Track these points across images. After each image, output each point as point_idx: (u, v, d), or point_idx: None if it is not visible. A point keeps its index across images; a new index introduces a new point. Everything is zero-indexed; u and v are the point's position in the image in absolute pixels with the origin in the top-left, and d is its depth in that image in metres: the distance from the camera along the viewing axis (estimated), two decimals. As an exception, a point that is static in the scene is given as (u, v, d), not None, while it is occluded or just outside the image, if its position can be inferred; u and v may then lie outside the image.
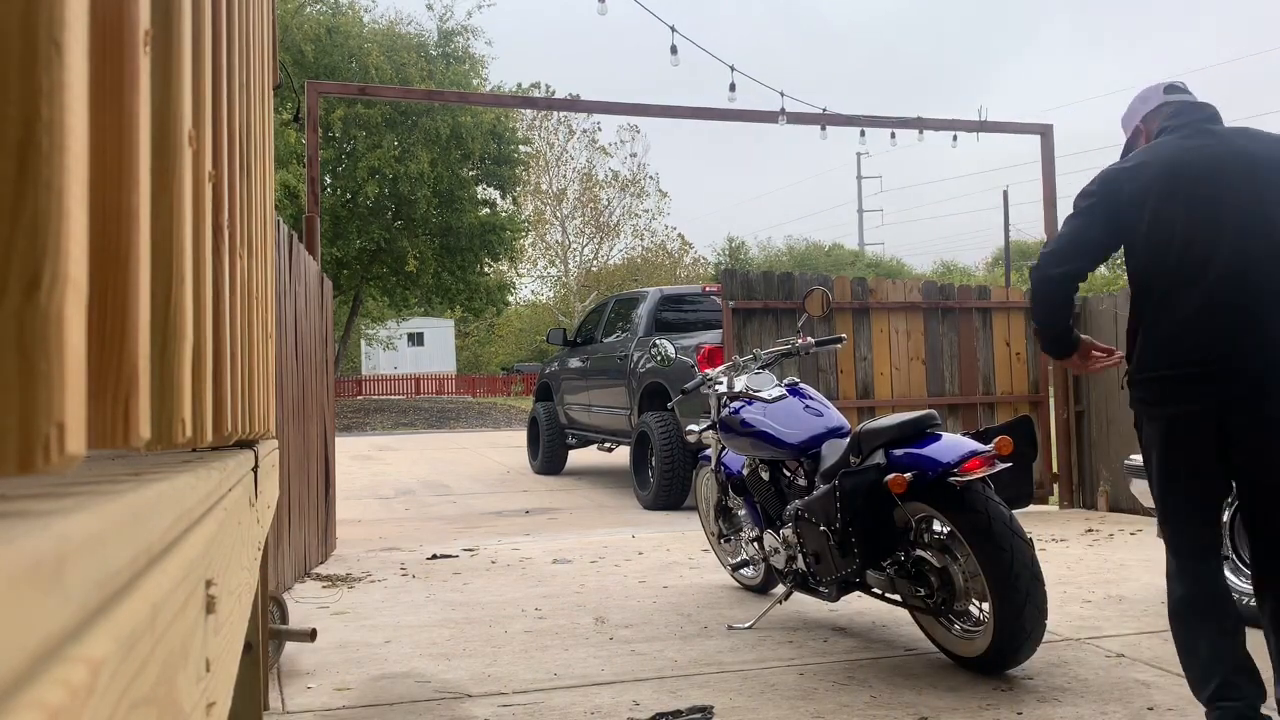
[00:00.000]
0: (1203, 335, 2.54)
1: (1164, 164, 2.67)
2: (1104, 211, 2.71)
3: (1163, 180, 2.65)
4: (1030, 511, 6.97)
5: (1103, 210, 2.71)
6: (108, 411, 0.61)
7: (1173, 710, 2.93)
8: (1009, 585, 3.09)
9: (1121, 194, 2.69)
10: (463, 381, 40.57)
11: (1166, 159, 2.68)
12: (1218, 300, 2.54)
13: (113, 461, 1.03)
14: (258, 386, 1.70)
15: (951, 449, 3.27)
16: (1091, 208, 2.73)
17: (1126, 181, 2.70)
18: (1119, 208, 2.69)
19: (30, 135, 0.42)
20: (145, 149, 0.66)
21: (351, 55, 23.88)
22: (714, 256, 45.08)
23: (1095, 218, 2.73)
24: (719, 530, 4.78)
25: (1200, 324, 2.55)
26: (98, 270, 0.60)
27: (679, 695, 3.14)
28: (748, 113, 7.87)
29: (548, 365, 11.58)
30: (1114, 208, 2.70)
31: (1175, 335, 2.58)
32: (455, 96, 17.99)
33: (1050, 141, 8.18)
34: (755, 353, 4.53)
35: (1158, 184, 2.65)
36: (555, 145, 36.10)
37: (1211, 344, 2.53)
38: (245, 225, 1.49)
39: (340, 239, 23.88)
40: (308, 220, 6.39)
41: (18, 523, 0.39)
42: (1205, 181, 2.62)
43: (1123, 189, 2.69)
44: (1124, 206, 2.68)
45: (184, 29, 0.84)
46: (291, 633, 3.32)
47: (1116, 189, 2.71)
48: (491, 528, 7.24)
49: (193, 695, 0.70)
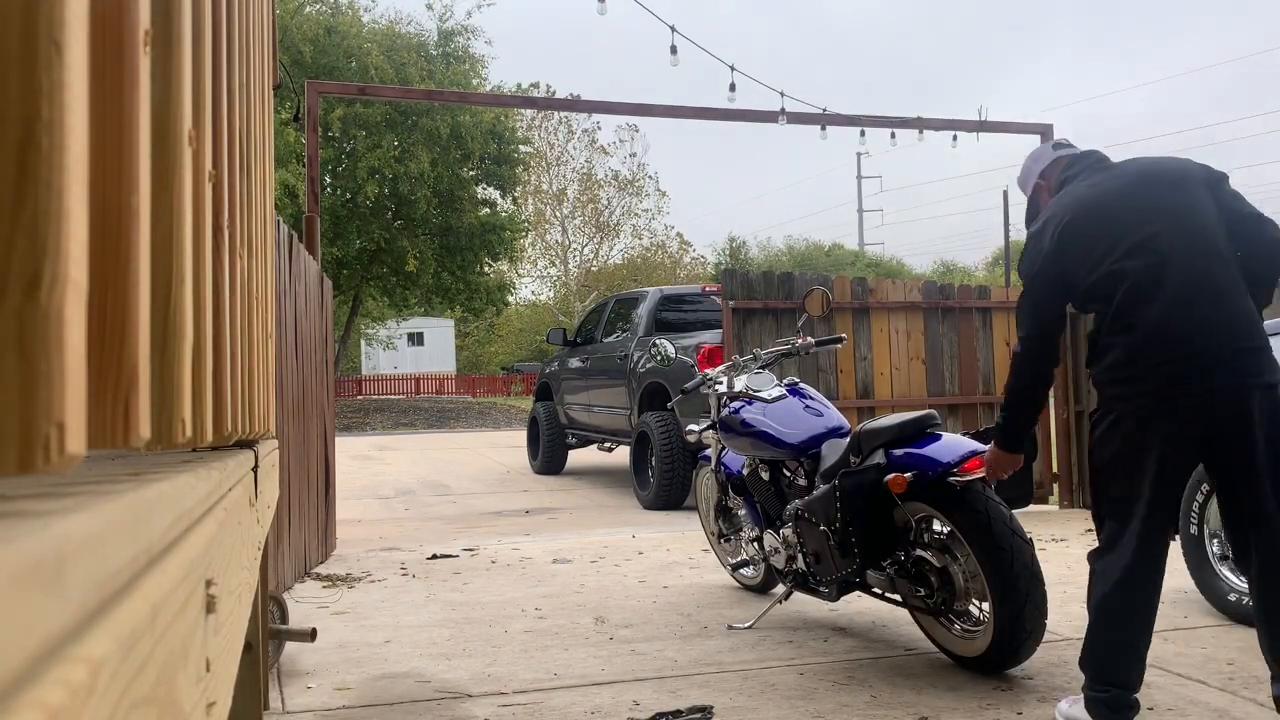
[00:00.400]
0: (1172, 336, 2.60)
1: (1082, 208, 2.79)
2: (1049, 277, 2.81)
3: (1089, 223, 2.76)
4: (1030, 511, 6.97)
5: (1047, 276, 2.81)
6: (108, 411, 0.61)
7: (1172, 710, 2.93)
8: (1009, 585, 3.09)
9: (1058, 253, 2.79)
10: (463, 381, 40.58)
11: (1084, 202, 2.80)
12: (1180, 305, 2.61)
13: (113, 461, 1.03)
14: (258, 386, 1.70)
15: (951, 449, 3.27)
16: (1039, 276, 2.83)
17: (1050, 239, 2.80)
18: (1059, 264, 2.79)
19: (30, 135, 0.42)
20: (145, 149, 0.66)
21: (351, 55, 23.88)
22: (714, 256, 45.09)
23: (1046, 285, 2.83)
24: (719, 530, 4.78)
25: (1168, 329, 2.61)
26: (98, 270, 0.60)
27: (679, 695, 3.14)
28: (748, 113, 7.87)
29: (548, 365, 11.58)
30: (1055, 268, 2.80)
31: (1145, 342, 2.63)
32: (455, 96, 18.00)
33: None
34: (755, 353, 4.53)
35: (1085, 228, 2.76)
36: (555, 145, 36.13)
37: (1182, 343, 2.59)
38: (245, 225, 1.49)
39: (340, 239, 23.88)
40: (308, 220, 6.40)
41: (18, 523, 0.39)
42: (1129, 207, 2.74)
43: (1054, 247, 2.79)
44: (1063, 262, 2.78)
45: (184, 29, 0.84)
46: (291, 633, 3.32)
47: (1047, 250, 2.81)
48: (491, 528, 7.24)
49: (193, 695, 0.70)
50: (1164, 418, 2.60)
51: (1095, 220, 2.76)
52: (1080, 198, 2.82)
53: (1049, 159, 3.07)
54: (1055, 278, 2.81)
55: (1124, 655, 2.64)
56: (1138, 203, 2.74)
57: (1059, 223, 2.80)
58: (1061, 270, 2.79)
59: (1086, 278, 2.75)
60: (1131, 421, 2.65)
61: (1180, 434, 2.60)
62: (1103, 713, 2.64)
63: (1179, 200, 2.73)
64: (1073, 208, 2.81)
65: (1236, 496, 2.63)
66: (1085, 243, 2.75)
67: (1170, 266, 2.64)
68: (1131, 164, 2.88)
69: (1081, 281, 2.77)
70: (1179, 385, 2.59)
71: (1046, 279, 2.82)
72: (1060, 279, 2.81)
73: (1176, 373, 2.59)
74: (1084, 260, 2.75)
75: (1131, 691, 2.64)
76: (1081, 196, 2.82)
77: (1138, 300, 2.65)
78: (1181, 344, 2.59)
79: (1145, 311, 2.63)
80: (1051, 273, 2.81)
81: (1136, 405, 2.65)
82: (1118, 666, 2.64)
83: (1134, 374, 2.64)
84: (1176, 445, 2.61)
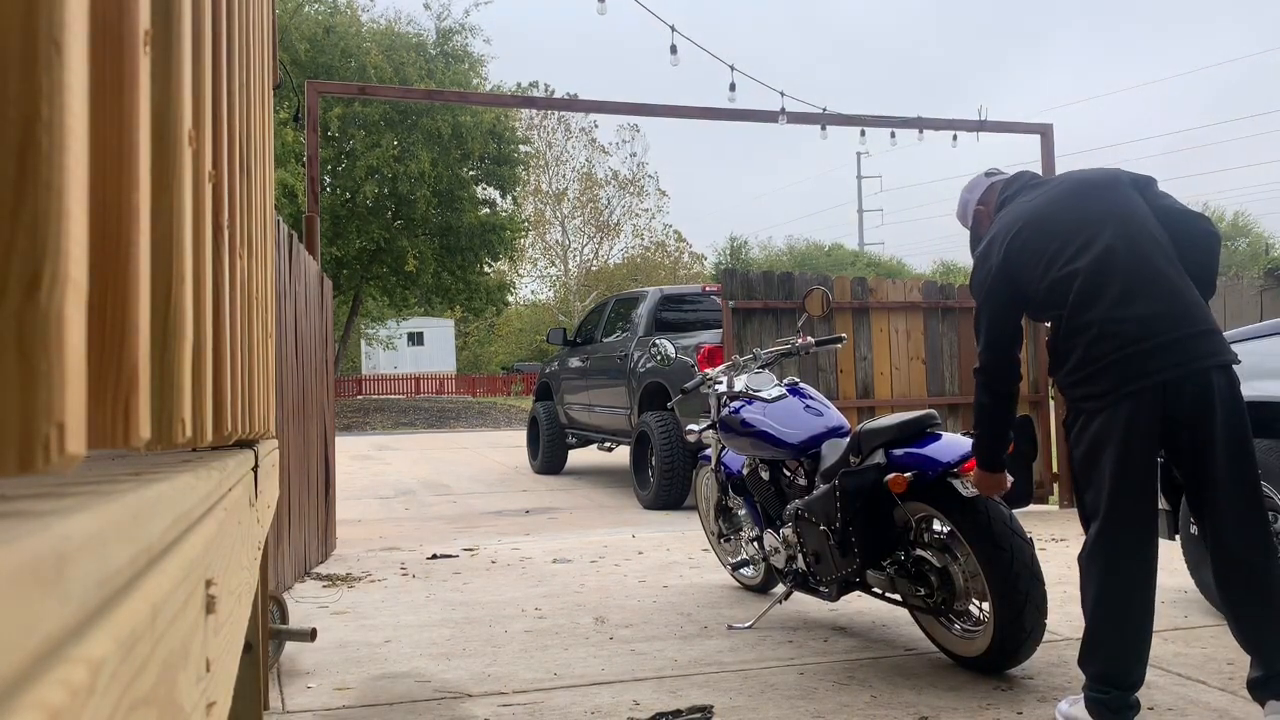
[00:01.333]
0: (1127, 329, 2.66)
1: (1026, 220, 2.89)
2: (1001, 292, 2.91)
3: (1034, 234, 2.86)
4: (1030, 511, 6.97)
5: (999, 292, 2.91)
6: (108, 411, 0.61)
7: (1172, 710, 2.93)
8: (1009, 585, 3.09)
9: (1007, 267, 2.88)
10: (463, 381, 40.57)
11: (1027, 214, 2.91)
12: (1130, 299, 2.68)
13: (113, 461, 1.03)
14: (258, 386, 1.70)
15: (951, 449, 3.27)
16: (991, 293, 2.92)
17: (998, 254, 2.90)
18: (1009, 277, 2.88)
19: (30, 135, 0.42)
20: (145, 149, 0.66)
21: (350, 55, 23.88)
22: (714, 256, 45.08)
23: (999, 300, 2.92)
24: (719, 530, 4.78)
25: (1123, 324, 2.67)
26: (98, 270, 0.60)
27: (679, 695, 3.14)
28: (748, 112, 7.87)
29: (548, 365, 11.58)
30: (1006, 281, 2.89)
31: (1100, 338, 2.69)
32: (455, 96, 17.98)
33: (1050, 141, 8.18)
34: (755, 352, 4.53)
35: (1031, 239, 2.86)
36: (555, 145, 36.14)
37: (1138, 335, 2.65)
38: (245, 225, 1.49)
39: (340, 239, 23.87)
40: (308, 220, 6.39)
41: (18, 523, 0.39)
42: (1071, 213, 2.84)
43: (1002, 261, 2.88)
44: (1013, 273, 2.87)
45: (184, 29, 0.84)
46: (291, 632, 3.32)
47: (996, 265, 2.90)
48: (491, 527, 7.24)
49: (193, 695, 0.70)
50: (1129, 410, 2.63)
51: (1040, 230, 2.85)
52: (1022, 212, 2.92)
53: (984, 186, 3.22)
54: (1007, 291, 2.89)
55: (1122, 655, 2.64)
56: (1078, 208, 2.84)
57: (1004, 238, 2.90)
58: (1012, 282, 2.88)
59: (1039, 285, 2.82)
60: (1098, 419, 2.68)
61: (1146, 424, 2.64)
62: (1102, 713, 2.63)
63: (1115, 202, 2.83)
64: (1017, 222, 2.90)
65: (1196, 469, 2.68)
66: (1033, 253, 2.83)
67: (1116, 264, 2.72)
68: (1065, 176, 3.01)
69: (1034, 291, 2.84)
70: (1139, 377, 2.63)
71: (998, 293, 2.90)
72: (1012, 291, 2.89)
73: (1135, 365, 2.63)
74: (1034, 269, 2.83)
75: (1131, 691, 2.64)
76: (1023, 211, 2.92)
77: (1089, 300, 2.71)
78: (1137, 336, 2.64)
79: (1097, 310, 2.69)
80: (1002, 287, 2.89)
81: (1102, 402, 2.68)
82: (1116, 666, 2.64)
83: (1094, 372, 2.68)
84: (1144, 435, 2.64)
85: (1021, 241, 2.85)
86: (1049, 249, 2.81)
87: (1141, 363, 2.64)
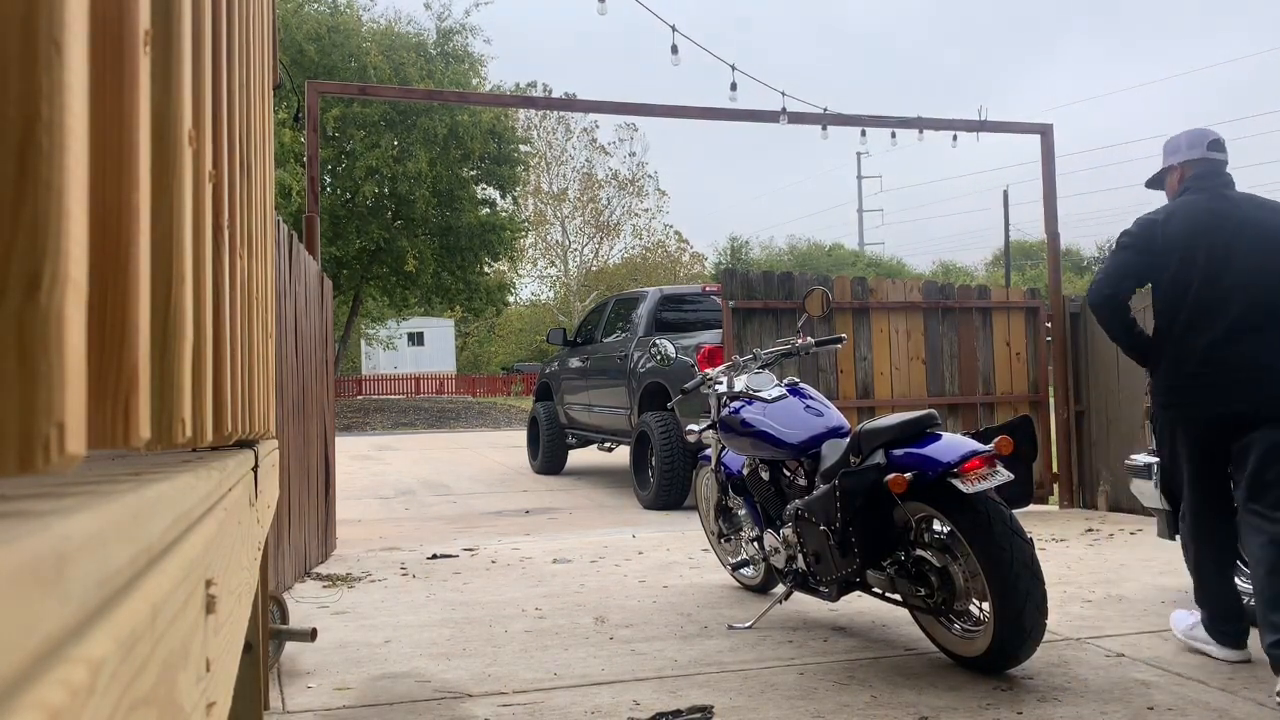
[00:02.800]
0: (1217, 374, 3.33)
1: (1190, 221, 3.43)
2: (1139, 252, 3.50)
3: (1187, 236, 3.41)
4: (1030, 511, 6.97)
5: (1139, 251, 3.50)
6: (108, 411, 0.61)
7: (1173, 710, 2.93)
8: (1009, 585, 3.09)
9: (1155, 241, 3.46)
10: (463, 381, 40.57)
11: (1193, 217, 3.44)
12: (1229, 340, 3.32)
13: (113, 461, 1.03)
14: (258, 386, 1.70)
15: (951, 449, 3.27)
16: (1130, 245, 3.53)
17: (1160, 231, 3.46)
18: (1152, 252, 3.47)
19: (30, 135, 0.42)
20: (145, 149, 0.66)
21: (350, 55, 23.87)
22: (714, 256, 45.10)
23: (1132, 255, 3.52)
24: (719, 530, 4.78)
25: (1214, 362, 3.33)
26: (98, 270, 0.60)
27: (679, 695, 3.14)
28: (748, 112, 7.87)
29: (548, 365, 11.58)
30: (1148, 251, 3.48)
31: (1195, 371, 3.37)
32: (455, 96, 17.98)
33: (1050, 141, 8.18)
34: (755, 352, 4.53)
35: (1183, 239, 3.41)
36: (554, 145, 36.13)
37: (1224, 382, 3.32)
38: (245, 225, 1.49)
39: (340, 239, 23.86)
40: (308, 220, 6.40)
41: (18, 523, 0.39)
42: (1220, 243, 3.38)
43: (1156, 237, 3.47)
44: (1156, 252, 3.46)
45: (184, 29, 0.84)
46: (291, 633, 3.32)
47: (1152, 235, 3.48)
48: (491, 527, 7.24)
49: (193, 695, 0.70)
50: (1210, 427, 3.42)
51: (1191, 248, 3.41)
52: (1195, 220, 3.45)
53: (1198, 154, 3.59)
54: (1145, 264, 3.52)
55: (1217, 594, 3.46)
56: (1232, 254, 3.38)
57: (1169, 232, 3.47)
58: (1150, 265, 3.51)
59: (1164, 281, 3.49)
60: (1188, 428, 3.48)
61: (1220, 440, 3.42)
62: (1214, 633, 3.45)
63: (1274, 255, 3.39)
64: (1184, 222, 3.46)
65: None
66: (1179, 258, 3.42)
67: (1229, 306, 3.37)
68: (1248, 204, 3.48)
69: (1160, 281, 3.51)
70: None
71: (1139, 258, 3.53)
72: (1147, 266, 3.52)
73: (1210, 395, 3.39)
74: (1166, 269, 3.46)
75: (1237, 619, 3.42)
76: (1196, 219, 3.45)
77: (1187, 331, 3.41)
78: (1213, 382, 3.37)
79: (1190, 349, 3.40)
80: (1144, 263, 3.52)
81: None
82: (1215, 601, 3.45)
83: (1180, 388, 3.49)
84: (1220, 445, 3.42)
85: (1172, 242, 3.43)
86: (1184, 263, 3.41)
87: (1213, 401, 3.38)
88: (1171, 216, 3.46)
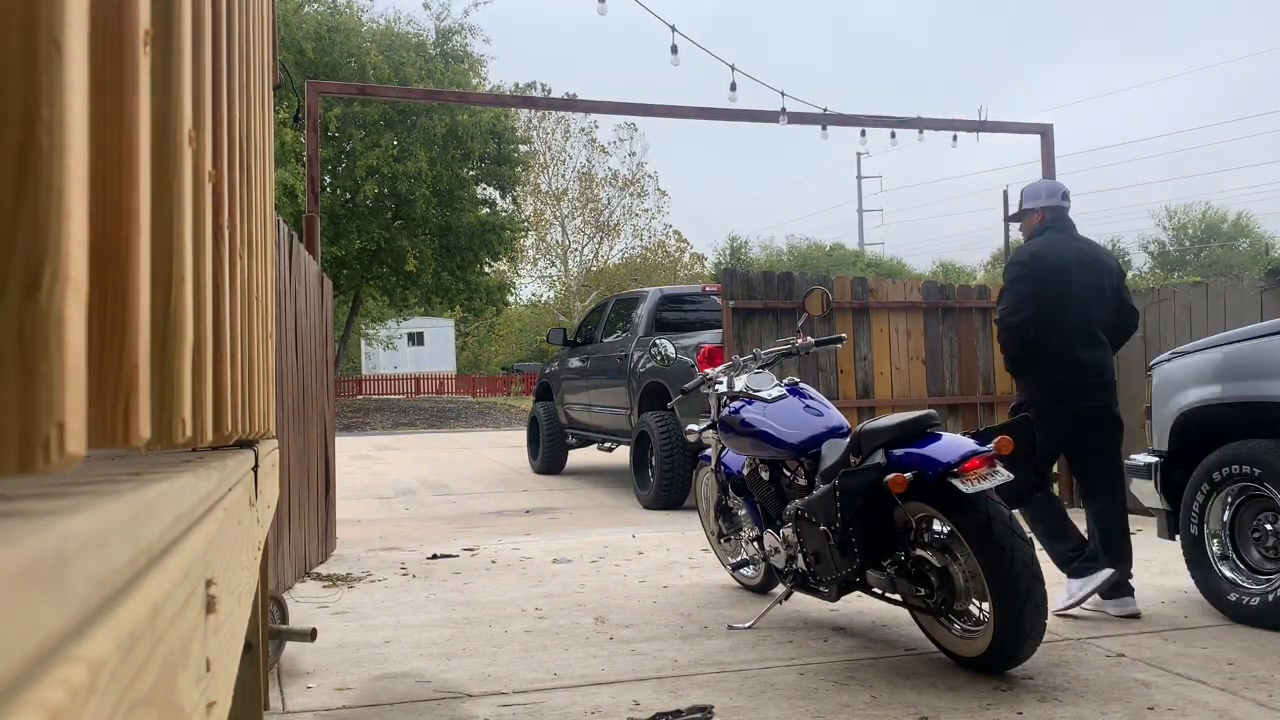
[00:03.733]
0: (1084, 376, 4.30)
1: (1060, 255, 4.37)
2: (1031, 280, 4.33)
3: (1060, 267, 4.34)
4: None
5: (1030, 280, 4.33)
6: (108, 411, 0.61)
7: (1173, 710, 2.93)
8: (1009, 585, 3.09)
9: (1040, 271, 4.32)
10: (463, 381, 40.56)
11: (1061, 252, 4.38)
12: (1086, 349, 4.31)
13: (113, 461, 1.03)
14: (258, 386, 1.70)
15: (951, 449, 3.27)
16: (1026, 276, 4.34)
17: (1041, 264, 4.33)
18: (1039, 279, 4.32)
19: (30, 135, 0.42)
20: (145, 149, 0.66)
21: (350, 55, 23.87)
22: (714, 256, 45.09)
23: (1027, 285, 4.33)
24: (719, 530, 4.78)
25: (1081, 367, 4.29)
26: (98, 270, 0.60)
27: (679, 695, 3.14)
28: (748, 112, 7.87)
29: (548, 365, 11.57)
30: (1036, 279, 4.32)
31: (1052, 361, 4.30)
32: (455, 96, 18.00)
33: (1050, 141, 8.18)
34: (755, 352, 4.52)
35: (1058, 269, 4.33)
36: (554, 145, 36.12)
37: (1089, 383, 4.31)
38: (245, 225, 1.49)
39: (340, 239, 23.85)
40: (308, 220, 6.40)
41: (18, 523, 0.39)
42: (1072, 270, 4.34)
43: (1040, 268, 4.33)
44: (1042, 279, 4.31)
45: (184, 29, 0.84)
46: (291, 633, 3.32)
47: (1037, 266, 4.34)
48: (491, 527, 7.24)
49: (193, 695, 0.70)
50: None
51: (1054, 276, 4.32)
52: (1057, 253, 4.38)
53: (1055, 201, 4.53)
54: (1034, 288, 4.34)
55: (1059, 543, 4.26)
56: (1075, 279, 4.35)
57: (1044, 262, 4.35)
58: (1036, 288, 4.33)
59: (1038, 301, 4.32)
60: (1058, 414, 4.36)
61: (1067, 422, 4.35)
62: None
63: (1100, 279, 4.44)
64: (1049, 255, 4.37)
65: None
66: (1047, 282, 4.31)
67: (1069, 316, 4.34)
68: (1084, 243, 4.51)
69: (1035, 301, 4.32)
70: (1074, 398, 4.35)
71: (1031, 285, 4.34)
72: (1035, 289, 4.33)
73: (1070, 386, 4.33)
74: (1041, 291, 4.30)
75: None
76: (1057, 252, 4.39)
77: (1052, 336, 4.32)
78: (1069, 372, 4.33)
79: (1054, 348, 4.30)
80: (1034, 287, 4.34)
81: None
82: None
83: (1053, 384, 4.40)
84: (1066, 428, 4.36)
85: (1047, 270, 4.31)
86: (1050, 287, 4.29)
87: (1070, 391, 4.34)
88: (1048, 250, 4.36)
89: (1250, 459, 3.91)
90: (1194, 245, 51.79)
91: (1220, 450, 4.05)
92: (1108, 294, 4.39)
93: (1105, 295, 4.39)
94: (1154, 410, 4.48)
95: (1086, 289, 4.33)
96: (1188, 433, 4.29)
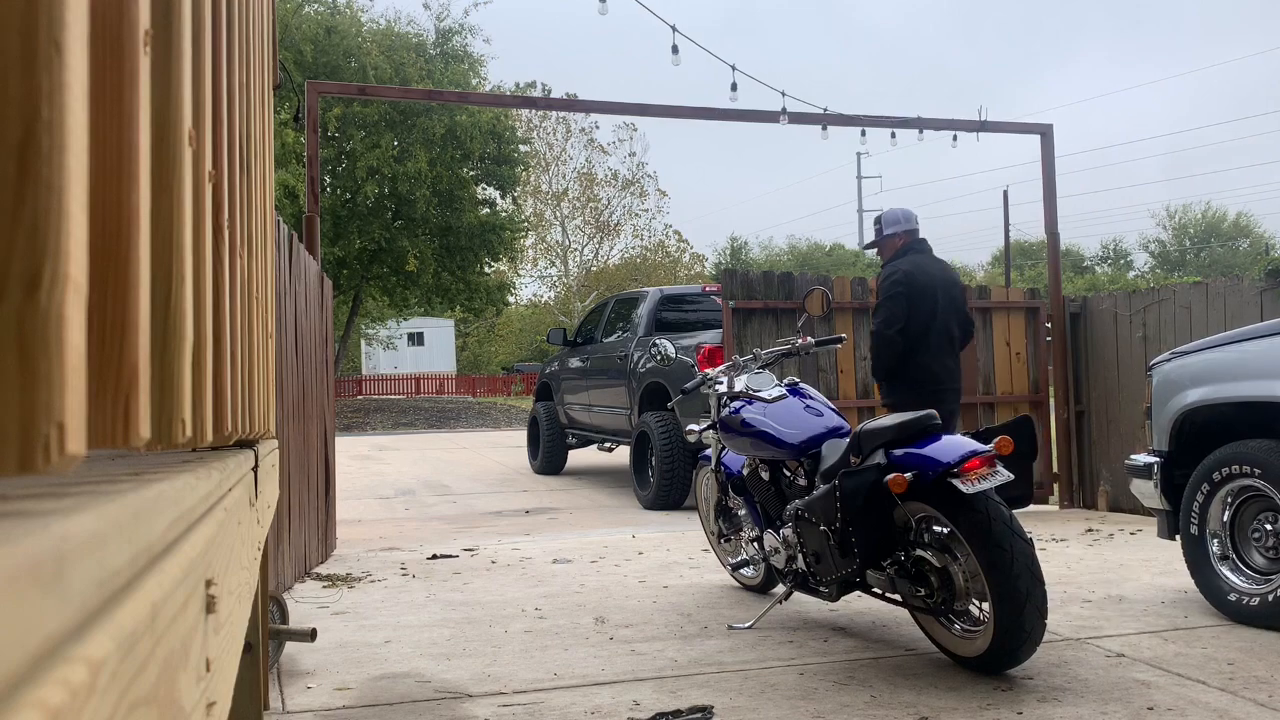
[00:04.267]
0: (944, 383, 5.24)
1: (927, 274, 5.29)
2: (908, 297, 5.22)
3: (928, 284, 5.25)
4: (1030, 511, 6.97)
5: (907, 296, 5.22)
6: (108, 411, 0.61)
7: (1172, 710, 2.93)
8: (1009, 585, 3.09)
9: (914, 287, 5.22)
10: (463, 381, 40.57)
11: (928, 271, 5.32)
12: (943, 359, 5.28)
13: (113, 461, 1.03)
14: (258, 386, 1.70)
15: (951, 449, 3.27)
16: (903, 293, 5.22)
17: (914, 281, 5.22)
18: (912, 296, 5.20)
19: (30, 135, 0.42)
20: (145, 149, 0.66)
21: (350, 55, 23.86)
22: (714, 256, 45.10)
23: (903, 301, 5.22)
24: (719, 530, 4.78)
25: (943, 374, 5.25)
26: (98, 270, 0.60)
27: (679, 695, 3.14)
28: (749, 113, 7.87)
29: (548, 365, 11.57)
30: (910, 295, 5.20)
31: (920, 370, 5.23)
32: (455, 96, 17.97)
33: (1050, 141, 8.18)
34: (755, 352, 4.52)
35: (927, 286, 5.25)
36: (554, 145, 36.12)
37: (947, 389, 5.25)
38: (245, 225, 1.49)
39: (340, 239, 23.86)
40: (308, 220, 6.40)
41: (18, 523, 0.39)
42: (938, 290, 5.27)
43: (914, 285, 5.22)
44: (915, 296, 5.20)
45: (184, 29, 0.84)
46: (291, 633, 3.32)
47: (911, 283, 5.23)
48: (491, 528, 7.24)
49: (193, 695, 0.70)
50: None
51: (921, 292, 5.27)
52: (922, 271, 5.32)
53: (911, 226, 5.52)
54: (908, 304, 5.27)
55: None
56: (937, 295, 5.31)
57: (915, 279, 5.27)
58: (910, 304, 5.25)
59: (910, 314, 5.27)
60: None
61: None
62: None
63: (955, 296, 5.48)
64: (917, 274, 5.29)
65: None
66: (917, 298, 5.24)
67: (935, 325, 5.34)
68: (941, 263, 5.54)
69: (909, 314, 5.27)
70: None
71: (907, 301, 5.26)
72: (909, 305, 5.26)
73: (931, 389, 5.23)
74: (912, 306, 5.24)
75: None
76: (923, 271, 5.32)
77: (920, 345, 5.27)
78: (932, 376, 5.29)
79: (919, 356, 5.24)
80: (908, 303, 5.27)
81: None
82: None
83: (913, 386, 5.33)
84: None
85: (917, 287, 5.23)
86: (919, 302, 5.24)
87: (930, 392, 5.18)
88: (919, 270, 5.28)
89: (1250, 459, 3.92)
90: (1194, 245, 51.81)
91: (1220, 450, 4.06)
92: (960, 309, 5.44)
93: (960, 310, 5.43)
94: (1154, 410, 4.48)
95: (946, 306, 5.29)
96: (1188, 433, 4.29)
